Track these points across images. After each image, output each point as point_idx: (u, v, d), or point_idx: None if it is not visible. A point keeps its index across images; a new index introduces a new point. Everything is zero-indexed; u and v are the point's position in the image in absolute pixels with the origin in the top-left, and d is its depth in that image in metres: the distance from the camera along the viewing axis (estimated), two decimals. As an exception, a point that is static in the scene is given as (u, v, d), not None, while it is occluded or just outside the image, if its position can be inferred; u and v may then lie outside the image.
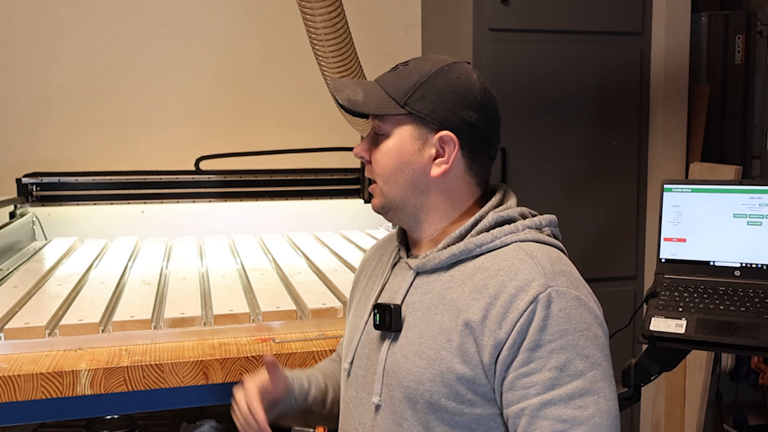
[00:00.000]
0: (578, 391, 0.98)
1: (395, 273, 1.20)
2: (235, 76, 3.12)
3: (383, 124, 1.13)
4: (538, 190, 2.75)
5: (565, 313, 1.01)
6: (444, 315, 1.07)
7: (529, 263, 1.05)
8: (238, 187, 2.92)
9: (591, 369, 1.00)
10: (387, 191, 1.14)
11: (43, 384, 1.38)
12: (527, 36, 2.68)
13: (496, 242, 1.09)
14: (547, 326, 0.99)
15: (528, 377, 1.00)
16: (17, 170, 2.83)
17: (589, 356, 1.00)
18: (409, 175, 1.12)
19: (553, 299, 1.01)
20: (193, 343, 1.56)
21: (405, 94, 1.11)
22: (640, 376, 1.67)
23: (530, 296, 1.00)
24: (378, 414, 1.12)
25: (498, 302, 1.02)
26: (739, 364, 2.88)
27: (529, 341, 0.99)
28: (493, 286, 1.03)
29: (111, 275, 2.05)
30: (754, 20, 2.92)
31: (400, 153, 1.12)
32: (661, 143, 2.85)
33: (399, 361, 1.09)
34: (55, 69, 2.95)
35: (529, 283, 1.02)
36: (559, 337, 1.00)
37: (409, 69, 1.13)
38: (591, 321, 1.03)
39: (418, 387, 1.06)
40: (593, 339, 1.02)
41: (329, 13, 1.75)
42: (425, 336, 1.08)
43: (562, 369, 0.99)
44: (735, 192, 1.60)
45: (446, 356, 1.04)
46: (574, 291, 1.03)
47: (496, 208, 1.15)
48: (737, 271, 1.59)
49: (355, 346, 1.19)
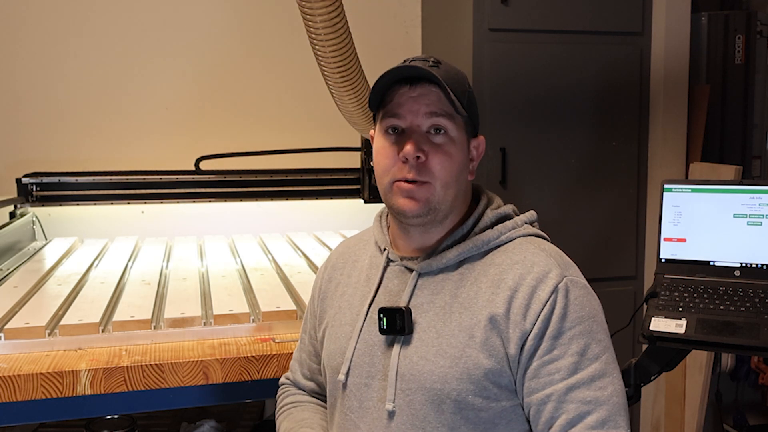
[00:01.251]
0: (597, 373, 1.04)
1: (388, 276, 1.17)
2: (236, 76, 3.12)
3: (450, 123, 1.10)
4: (538, 190, 2.75)
5: (580, 300, 1.07)
6: (462, 313, 1.08)
7: (542, 256, 1.09)
8: (238, 187, 2.92)
9: (605, 352, 1.06)
10: (444, 196, 1.10)
11: (43, 384, 1.38)
12: (527, 36, 2.68)
13: (502, 238, 1.12)
14: (567, 314, 1.05)
15: (552, 364, 1.04)
16: (17, 170, 2.83)
17: (602, 340, 1.07)
18: (464, 179, 1.14)
19: (570, 288, 1.06)
20: (193, 343, 1.56)
21: (462, 96, 1.11)
22: (640, 376, 1.67)
23: (550, 286, 1.05)
24: (393, 421, 1.09)
25: (519, 294, 1.05)
26: (739, 364, 2.88)
27: (552, 329, 1.04)
28: (512, 279, 1.07)
29: (111, 275, 2.05)
30: (754, 20, 2.92)
31: (462, 158, 1.12)
32: (661, 143, 2.85)
33: (417, 363, 1.08)
34: (55, 70, 2.95)
35: (546, 274, 1.06)
36: (578, 323, 1.05)
37: (450, 69, 1.13)
38: (598, 308, 1.10)
39: (443, 387, 1.05)
40: (602, 324, 1.09)
41: (329, 13, 1.75)
42: (444, 335, 1.07)
43: (582, 353, 1.04)
44: (735, 192, 1.60)
45: (471, 353, 1.05)
46: (583, 280, 1.10)
47: (491, 206, 1.18)
48: (737, 271, 1.59)
49: (350, 355, 1.15)
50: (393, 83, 1.11)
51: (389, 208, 1.15)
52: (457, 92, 1.09)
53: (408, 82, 1.10)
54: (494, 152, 2.66)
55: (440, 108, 1.08)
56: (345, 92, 2.07)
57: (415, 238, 1.16)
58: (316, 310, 1.30)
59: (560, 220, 2.76)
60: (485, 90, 2.65)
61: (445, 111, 1.09)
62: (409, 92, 1.10)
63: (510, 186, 2.70)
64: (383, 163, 1.12)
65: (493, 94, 2.66)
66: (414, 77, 1.09)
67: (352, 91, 2.06)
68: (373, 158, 1.16)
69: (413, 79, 1.09)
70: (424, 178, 1.09)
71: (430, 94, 1.09)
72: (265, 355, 1.49)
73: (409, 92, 1.10)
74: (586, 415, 1.02)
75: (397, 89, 1.11)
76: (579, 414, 1.02)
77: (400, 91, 1.10)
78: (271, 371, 1.49)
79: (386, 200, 1.14)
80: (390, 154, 1.11)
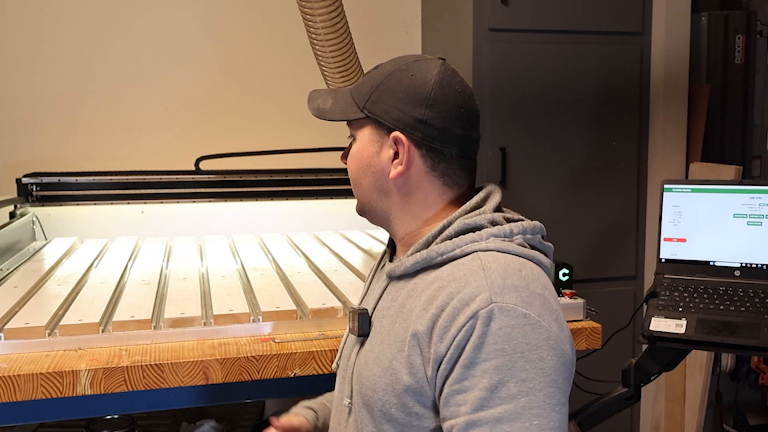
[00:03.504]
0: (507, 415, 0.91)
1: (378, 277, 1.21)
2: (236, 76, 3.12)
3: (351, 129, 1.17)
4: (538, 191, 2.75)
5: (505, 332, 0.94)
6: (401, 324, 1.05)
7: (480, 275, 0.98)
8: (238, 187, 2.92)
9: (526, 394, 0.92)
10: (356, 194, 1.18)
11: (43, 384, 1.38)
12: (527, 36, 2.68)
13: (457, 251, 1.04)
14: (484, 344, 0.93)
15: (461, 394, 0.95)
16: (17, 170, 2.83)
17: (527, 380, 0.93)
18: (371, 177, 1.14)
19: (494, 316, 0.94)
20: (193, 343, 1.56)
21: (364, 98, 1.13)
22: (640, 376, 1.68)
23: (471, 311, 0.95)
24: (350, 416, 1.13)
25: (443, 314, 0.98)
26: (739, 364, 2.88)
27: (465, 358, 0.94)
28: (442, 298, 0.99)
29: (111, 275, 2.05)
30: (754, 20, 2.92)
31: (361, 156, 1.15)
32: (661, 143, 2.85)
33: (361, 367, 1.10)
34: (55, 69, 2.95)
35: (473, 298, 0.96)
36: (495, 356, 0.93)
37: (373, 72, 1.15)
38: (538, 342, 0.94)
39: (372, 395, 1.05)
40: (536, 362, 0.93)
41: (329, 13, 1.75)
42: (384, 344, 1.07)
43: (493, 390, 0.92)
44: (735, 192, 1.60)
45: (396, 366, 1.02)
46: (522, 309, 0.95)
47: (468, 214, 1.09)
48: (737, 271, 1.59)
49: (340, 349, 1.23)
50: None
51: None
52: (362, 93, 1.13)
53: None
54: (494, 152, 2.66)
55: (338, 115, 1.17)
56: (345, 92, 2.07)
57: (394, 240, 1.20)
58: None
59: (560, 220, 2.76)
60: (485, 90, 2.65)
61: (340, 118, 1.16)
62: None
63: (510, 186, 2.70)
64: None
65: (493, 94, 2.67)
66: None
67: (352, 91, 2.06)
68: None
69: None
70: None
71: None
72: (265, 355, 1.49)
73: None
74: None
75: None
76: None
77: None
78: (271, 371, 1.49)
79: None
80: None
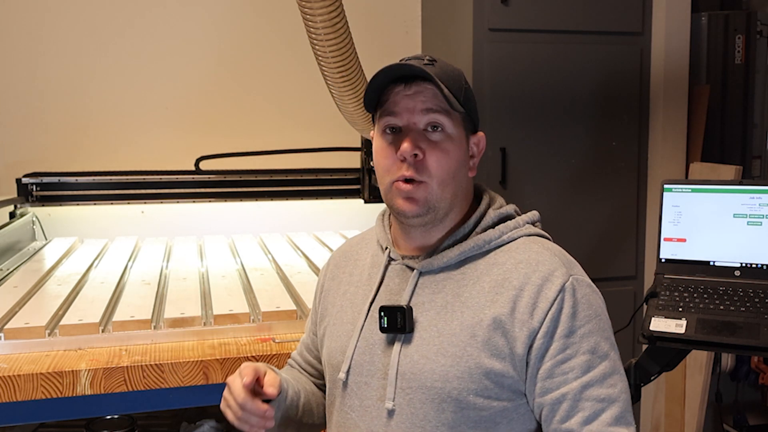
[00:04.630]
0: (608, 370, 1.05)
1: (390, 275, 1.18)
2: (236, 76, 3.12)
3: (447, 120, 1.09)
4: (538, 191, 2.75)
5: (587, 299, 1.07)
6: (464, 312, 1.07)
7: (547, 255, 1.09)
8: (238, 187, 2.92)
9: (612, 349, 1.07)
10: (442, 194, 1.10)
11: (43, 384, 1.38)
12: (527, 36, 2.68)
13: (504, 237, 1.12)
14: (576, 313, 1.05)
15: (565, 363, 1.04)
16: (17, 170, 2.83)
17: (609, 338, 1.08)
18: (463, 173, 1.14)
19: (576, 287, 1.06)
20: (193, 343, 1.56)
21: (459, 93, 1.10)
22: (640, 376, 1.67)
23: (558, 285, 1.05)
24: (392, 419, 1.09)
25: (525, 293, 1.05)
26: (739, 364, 2.88)
27: (562, 328, 1.04)
28: (517, 279, 1.07)
29: (111, 275, 2.05)
30: (754, 20, 2.92)
31: (460, 154, 1.12)
32: (661, 143, 2.85)
33: (418, 362, 1.08)
34: (55, 69, 2.95)
35: (552, 273, 1.06)
36: (587, 321, 1.06)
37: (446, 66, 1.12)
38: (603, 305, 1.10)
39: (444, 386, 1.05)
40: (608, 322, 1.10)
41: (329, 13, 1.75)
42: (445, 334, 1.07)
43: (593, 351, 1.05)
44: (735, 192, 1.60)
45: (473, 352, 1.05)
46: (587, 279, 1.10)
47: (492, 206, 1.17)
48: (737, 271, 1.59)
49: (350, 353, 1.15)
50: (388, 83, 1.11)
51: (390, 208, 1.15)
52: (453, 89, 1.08)
53: (403, 80, 1.10)
54: (494, 152, 2.66)
55: (436, 105, 1.08)
56: (345, 92, 2.07)
57: (416, 237, 1.16)
58: (318, 307, 1.31)
59: (560, 220, 2.76)
60: (485, 90, 2.65)
61: (441, 108, 1.08)
62: (405, 91, 1.10)
63: (510, 186, 2.70)
64: (382, 163, 1.12)
65: (493, 94, 2.66)
66: (409, 76, 1.09)
67: (352, 91, 2.06)
68: (373, 159, 1.16)
69: (408, 78, 1.10)
70: (421, 176, 1.08)
71: (425, 92, 1.09)
72: (265, 355, 1.49)
73: (405, 91, 1.10)
74: (601, 412, 1.04)
75: (392, 88, 1.11)
76: (594, 412, 1.03)
77: (396, 90, 1.10)
78: (271, 371, 1.49)
79: (387, 200, 1.14)
80: (388, 154, 1.11)
